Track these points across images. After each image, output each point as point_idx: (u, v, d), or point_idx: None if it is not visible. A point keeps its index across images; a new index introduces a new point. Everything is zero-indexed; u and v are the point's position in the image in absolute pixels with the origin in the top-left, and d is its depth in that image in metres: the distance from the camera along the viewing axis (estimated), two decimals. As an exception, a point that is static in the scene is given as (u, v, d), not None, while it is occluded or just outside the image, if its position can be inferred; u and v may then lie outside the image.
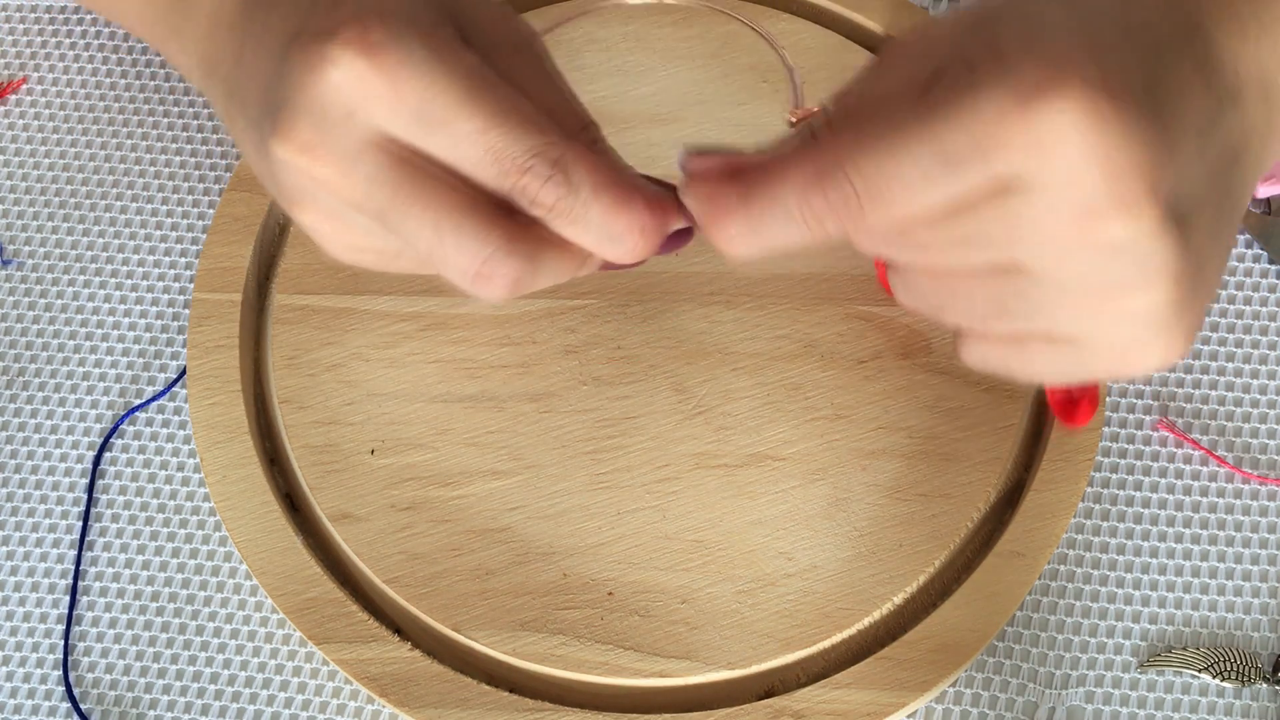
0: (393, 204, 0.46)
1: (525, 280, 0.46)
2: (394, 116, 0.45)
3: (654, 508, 0.58)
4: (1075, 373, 0.47)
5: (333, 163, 0.46)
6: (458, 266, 0.46)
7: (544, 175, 0.45)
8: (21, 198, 0.68)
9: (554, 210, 0.45)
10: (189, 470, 0.62)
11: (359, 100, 0.45)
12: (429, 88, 0.44)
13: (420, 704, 0.55)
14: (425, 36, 0.45)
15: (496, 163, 0.45)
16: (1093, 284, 0.43)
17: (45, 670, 0.58)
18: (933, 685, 0.55)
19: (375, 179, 0.46)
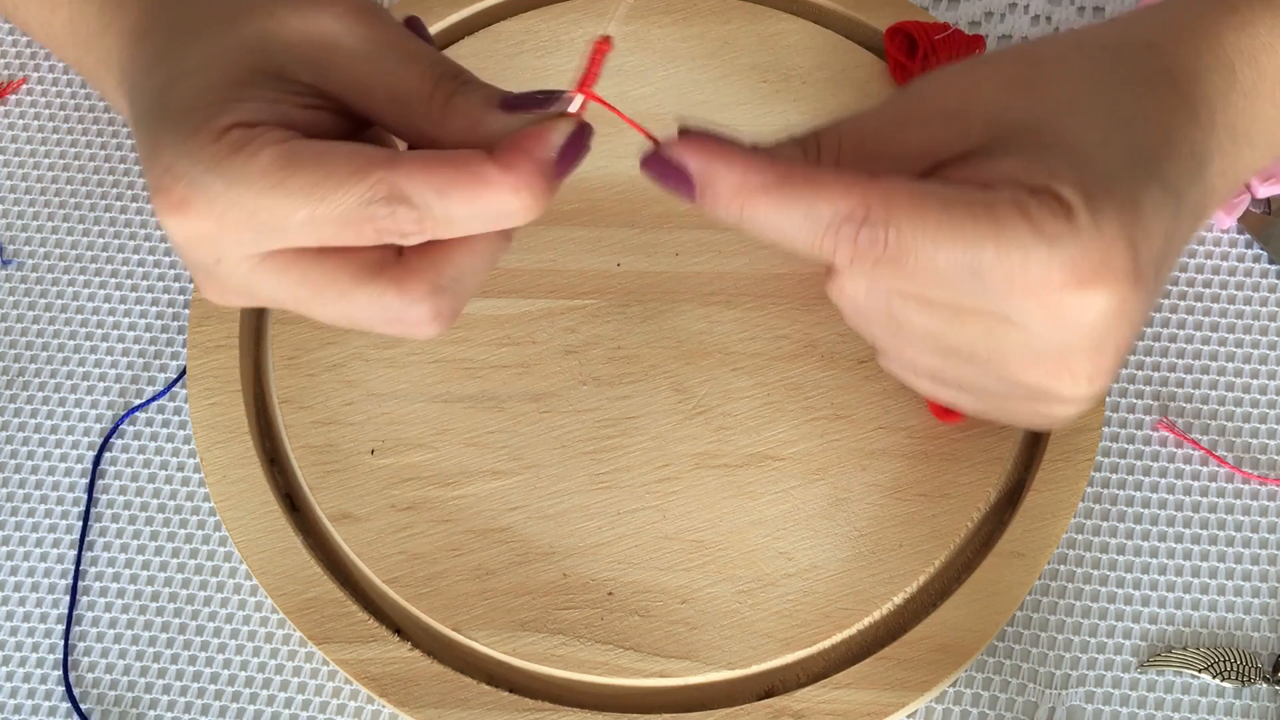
0: (299, 309, 0.47)
1: (445, 305, 0.46)
2: (241, 245, 0.46)
3: (654, 508, 0.58)
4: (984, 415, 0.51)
5: (240, 298, 0.48)
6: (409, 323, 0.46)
7: (386, 213, 0.44)
8: (21, 198, 0.68)
9: (423, 231, 0.45)
10: (189, 470, 0.62)
11: (210, 249, 0.46)
12: (244, 209, 0.45)
13: (420, 704, 0.55)
14: (214, 161, 0.45)
15: (344, 227, 0.45)
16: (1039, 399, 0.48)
17: (45, 670, 0.58)
18: (933, 685, 0.55)
19: (275, 296, 0.47)
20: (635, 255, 0.63)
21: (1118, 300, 0.43)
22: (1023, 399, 0.48)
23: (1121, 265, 0.43)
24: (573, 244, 0.63)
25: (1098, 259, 0.43)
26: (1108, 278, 0.43)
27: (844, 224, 0.43)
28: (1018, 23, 0.70)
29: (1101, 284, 0.43)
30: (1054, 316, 0.44)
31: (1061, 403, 0.48)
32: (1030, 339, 0.45)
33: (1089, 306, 0.43)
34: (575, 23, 0.68)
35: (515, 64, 0.67)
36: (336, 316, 0.47)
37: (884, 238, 0.43)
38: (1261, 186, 0.64)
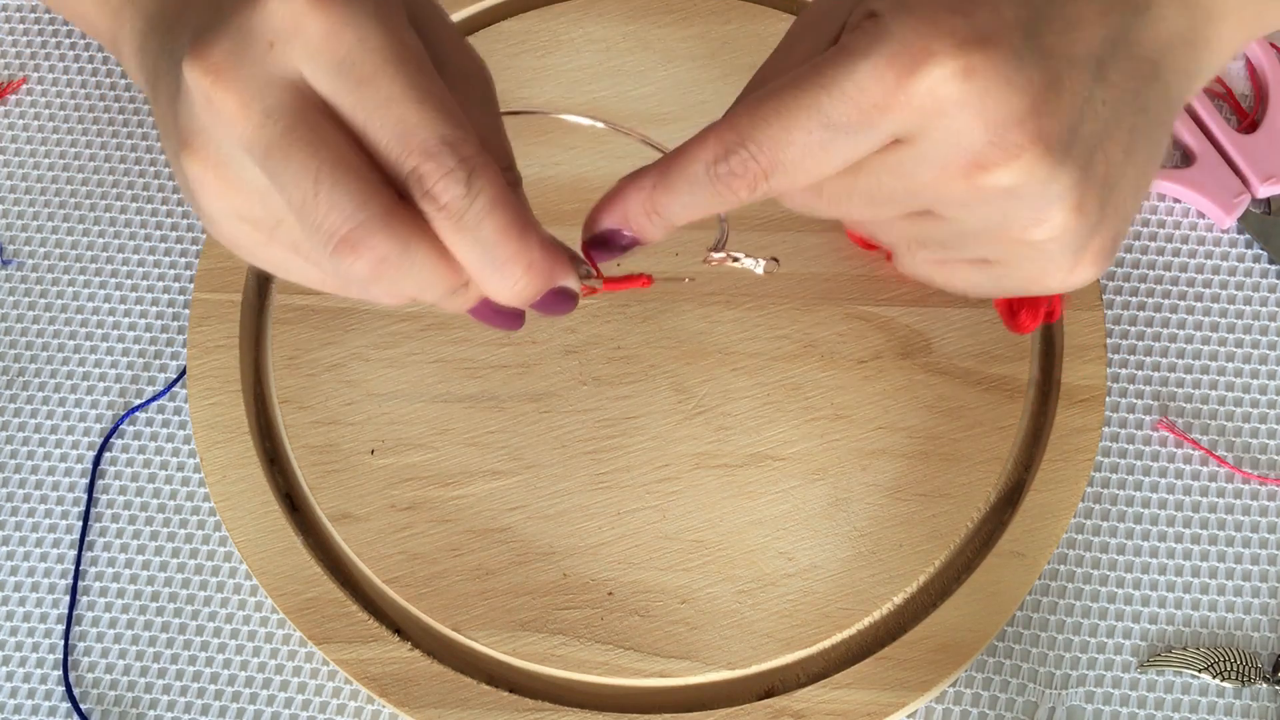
0: (280, 143, 0.43)
1: (390, 266, 0.43)
2: (316, 59, 0.43)
3: (654, 508, 0.58)
4: (998, 289, 0.50)
5: (236, 88, 0.44)
6: (326, 226, 0.43)
7: (447, 167, 0.43)
8: (21, 198, 0.68)
9: (446, 209, 0.43)
10: (189, 470, 0.62)
11: (287, 32, 0.43)
12: (362, 42, 0.43)
13: (420, 704, 0.55)
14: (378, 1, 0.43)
15: (404, 139, 0.43)
16: (995, 223, 0.46)
17: (45, 670, 0.58)
18: (933, 685, 0.55)
19: (272, 114, 0.43)
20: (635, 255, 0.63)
21: (957, 61, 0.42)
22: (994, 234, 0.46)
23: (950, 30, 0.42)
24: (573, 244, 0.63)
25: (918, 38, 0.42)
26: (935, 48, 0.42)
27: (717, 167, 0.45)
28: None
29: (929, 56, 0.42)
30: (917, 111, 0.43)
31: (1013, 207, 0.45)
32: (923, 146, 0.44)
33: (934, 82, 0.42)
34: (575, 23, 0.68)
35: (515, 64, 0.67)
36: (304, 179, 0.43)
37: (749, 156, 0.44)
38: (1262, 186, 0.64)
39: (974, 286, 0.50)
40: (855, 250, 0.63)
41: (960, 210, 0.46)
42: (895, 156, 0.45)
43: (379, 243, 0.43)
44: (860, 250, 0.63)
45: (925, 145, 0.44)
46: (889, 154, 0.45)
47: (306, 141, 0.43)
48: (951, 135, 0.43)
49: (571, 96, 0.66)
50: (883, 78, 0.42)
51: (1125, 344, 0.62)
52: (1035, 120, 0.43)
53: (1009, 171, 0.44)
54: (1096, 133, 0.45)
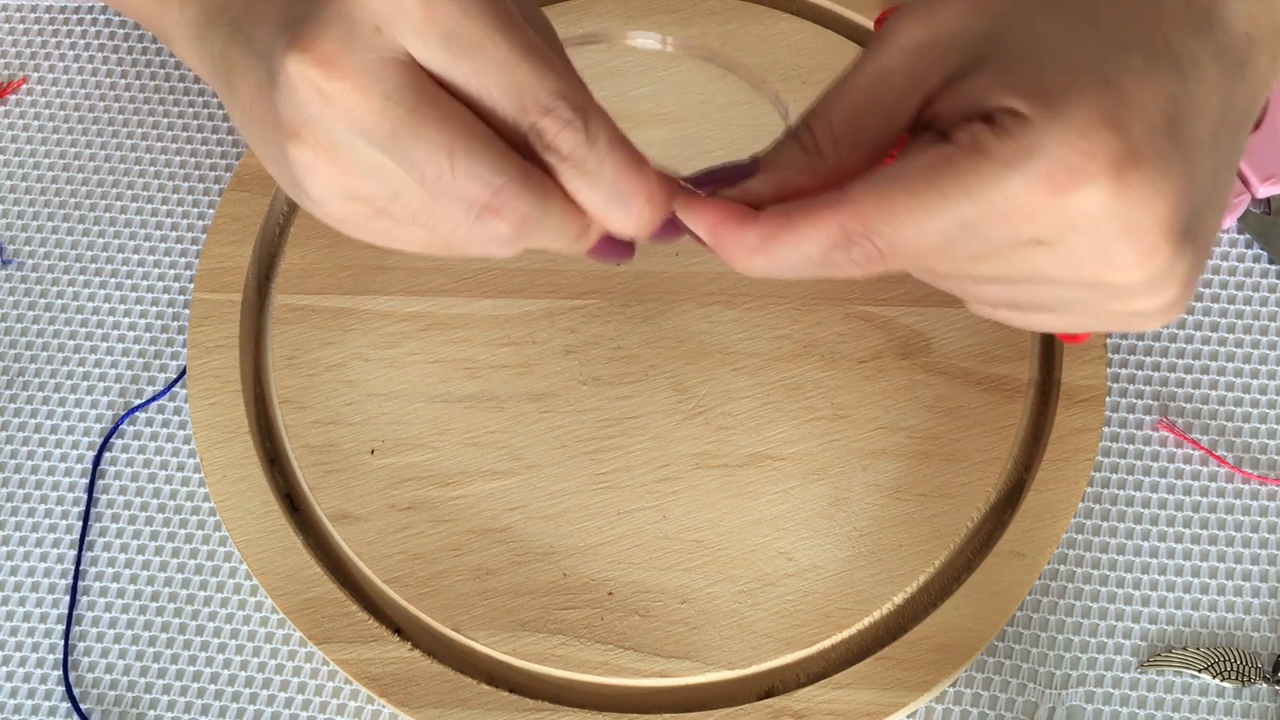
0: (408, 123, 0.44)
1: (531, 223, 0.45)
2: (424, 36, 0.44)
3: (654, 508, 0.58)
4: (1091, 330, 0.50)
5: (352, 76, 0.44)
6: (467, 194, 0.45)
7: (565, 119, 0.44)
8: (21, 198, 0.68)
9: (570, 158, 0.45)
10: (189, 470, 0.62)
11: (390, 13, 0.44)
12: (464, 12, 0.44)
13: (420, 704, 0.55)
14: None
15: (520, 98, 0.44)
16: (1114, 296, 0.46)
17: (45, 670, 0.58)
18: (933, 685, 0.55)
19: (393, 96, 0.44)
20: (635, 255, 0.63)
21: (1113, 183, 0.42)
22: (1097, 301, 0.47)
23: (1106, 148, 0.42)
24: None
25: (1073, 156, 0.42)
26: (1091, 169, 0.42)
27: (834, 253, 0.45)
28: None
29: (1086, 178, 0.42)
30: (1064, 225, 0.43)
31: (1132, 294, 0.46)
32: (1059, 251, 0.44)
33: (1087, 203, 0.42)
34: (575, 22, 0.68)
35: (515, 64, 0.67)
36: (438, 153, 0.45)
37: (872, 248, 0.44)
38: (1262, 186, 0.64)
39: (1056, 329, 0.50)
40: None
41: (1075, 290, 0.46)
42: (1027, 253, 0.44)
43: (521, 203, 0.45)
44: None
45: (1063, 250, 0.44)
46: (1021, 249, 0.44)
47: (434, 118, 0.44)
48: (1094, 243, 0.43)
49: (571, 96, 0.66)
50: (1033, 194, 0.42)
51: (1125, 344, 0.62)
52: (1174, 220, 0.43)
53: (1142, 269, 0.44)
54: (1205, 206, 0.45)
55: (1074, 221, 0.43)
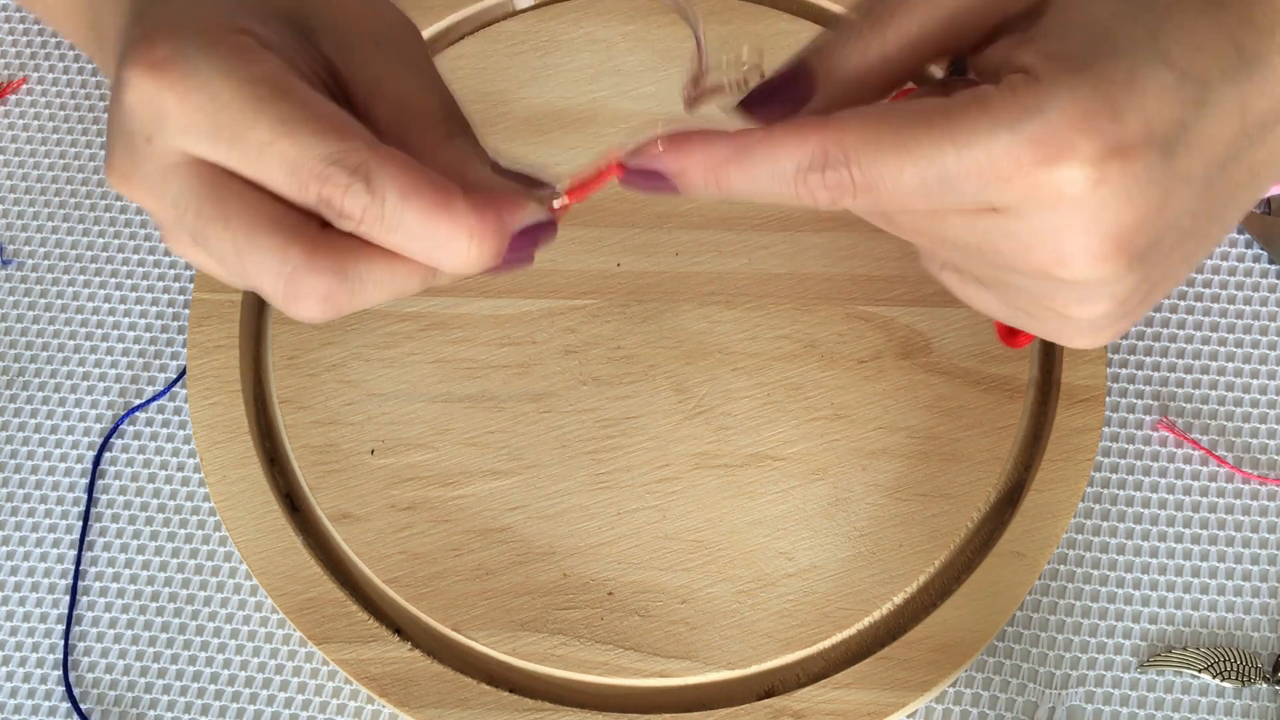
0: (197, 225, 0.44)
1: (341, 296, 0.44)
2: (187, 135, 0.44)
3: (654, 508, 0.58)
4: (1009, 321, 0.49)
5: (145, 188, 0.45)
6: (263, 287, 0.44)
7: (343, 184, 0.43)
8: (21, 198, 0.68)
9: (363, 221, 0.43)
10: (189, 470, 0.62)
11: (153, 122, 0.44)
12: (213, 100, 0.43)
13: (420, 704, 0.55)
14: (212, 46, 0.44)
15: (293, 174, 0.43)
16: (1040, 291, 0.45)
17: (45, 670, 0.58)
18: (933, 685, 0.55)
19: (179, 201, 0.44)
20: (635, 255, 0.63)
21: (1095, 171, 0.41)
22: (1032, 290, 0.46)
23: (1102, 135, 0.41)
24: (573, 244, 0.63)
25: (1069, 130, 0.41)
26: (1081, 149, 0.41)
27: (808, 173, 0.43)
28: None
29: (1072, 155, 0.41)
30: (1033, 196, 0.42)
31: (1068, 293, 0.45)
32: (1018, 224, 0.43)
33: (1064, 181, 0.42)
34: (575, 23, 0.68)
35: (515, 64, 0.67)
36: (228, 252, 0.44)
37: (847, 176, 0.43)
38: (1261, 186, 0.64)
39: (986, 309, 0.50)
40: (855, 250, 0.63)
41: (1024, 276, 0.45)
42: (983, 221, 0.44)
43: (316, 283, 0.43)
44: (864, 251, 0.62)
45: (1018, 225, 0.43)
46: (978, 215, 0.44)
47: (213, 217, 0.44)
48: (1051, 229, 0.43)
49: (571, 96, 0.66)
50: (1017, 157, 0.42)
51: (1125, 344, 0.62)
52: (1133, 234, 0.43)
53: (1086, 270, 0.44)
54: (1172, 244, 0.45)
55: (1043, 196, 0.42)
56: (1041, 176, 0.42)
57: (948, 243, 0.46)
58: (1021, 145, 0.42)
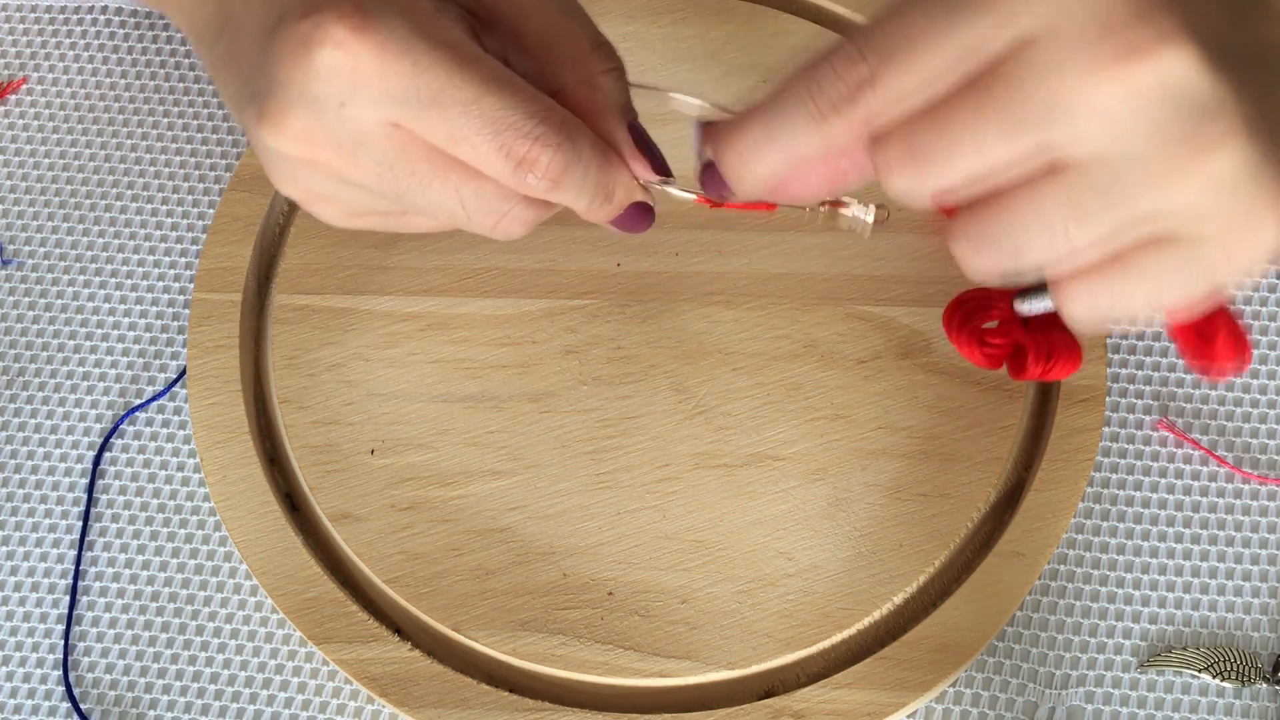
0: (409, 184, 0.46)
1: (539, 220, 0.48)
2: (385, 102, 0.44)
3: (654, 508, 0.58)
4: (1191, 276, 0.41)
5: (335, 150, 0.45)
6: (482, 226, 0.48)
7: (554, 141, 0.45)
8: (21, 198, 0.68)
9: (564, 175, 0.46)
10: (189, 470, 0.62)
11: (350, 87, 0.44)
12: (415, 65, 0.43)
13: (420, 704, 0.55)
14: (405, 9, 0.44)
15: (499, 131, 0.44)
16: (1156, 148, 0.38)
17: (45, 670, 0.58)
18: (933, 685, 0.55)
19: (385, 162, 0.45)
20: (635, 255, 0.63)
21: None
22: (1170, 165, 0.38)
23: None
24: (573, 244, 0.63)
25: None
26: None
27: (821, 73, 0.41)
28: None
29: None
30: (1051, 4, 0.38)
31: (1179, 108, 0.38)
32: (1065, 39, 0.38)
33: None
34: (575, 23, 0.68)
35: (515, 64, 0.67)
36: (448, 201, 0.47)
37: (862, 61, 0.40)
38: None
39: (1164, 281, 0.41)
40: (855, 250, 0.63)
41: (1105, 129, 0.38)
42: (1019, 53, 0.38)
43: (530, 214, 0.48)
44: (864, 251, 0.62)
45: (1053, 30, 0.38)
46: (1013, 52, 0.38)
47: (433, 175, 0.46)
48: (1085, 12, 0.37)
49: (571, 96, 0.66)
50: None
51: (1125, 344, 0.62)
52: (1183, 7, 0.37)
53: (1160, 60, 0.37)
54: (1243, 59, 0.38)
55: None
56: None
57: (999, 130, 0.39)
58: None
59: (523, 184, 0.46)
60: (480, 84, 0.44)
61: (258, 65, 0.45)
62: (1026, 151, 0.39)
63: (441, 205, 0.46)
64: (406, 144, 0.45)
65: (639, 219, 0.49)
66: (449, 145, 0.45)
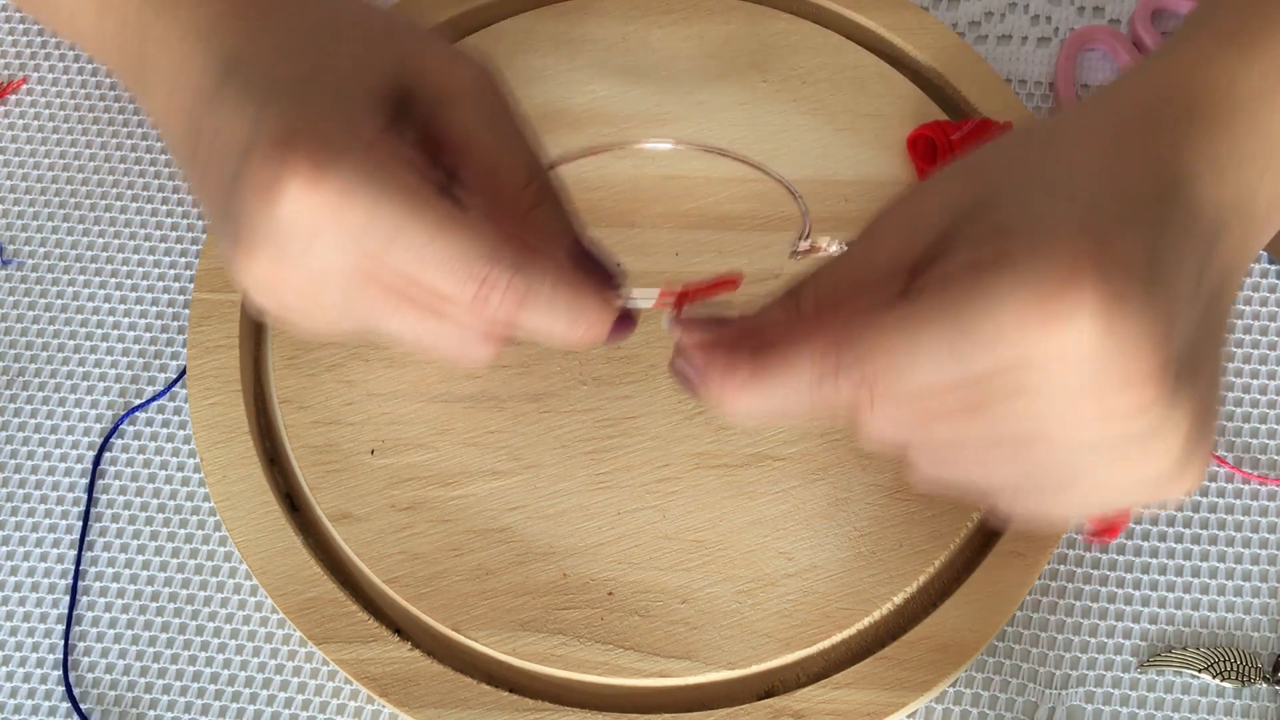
0: (373, 316, 0.48)
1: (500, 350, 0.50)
2: (344, 244, 0.46)
3: (654, 508, 0.58)
4: (1105, 511, 0.49)
5: (301, 284, 0.47)
6: (446, 355, 0.49)
7: (505, 278, 0.46)
8: (21, 198, 0.68)
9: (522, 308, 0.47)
10: (189, 470, 0.62)
11: (310, 234, 0.46)
12: (370, 214, 0.45)
13: (420, 704, 0.55)
14: (360, 158, 0.46)
15: (452, 271, 0.46)
16: (1111, 451, 0.44)
17: (45, 670, 0.58)
18: (933, 685, 0.55)
19: (349, 297, 0.48)
20: (635, 255, 0.63)
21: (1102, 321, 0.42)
22: (1097, 465, 0.45)
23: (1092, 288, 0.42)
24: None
25: (1061, 290, 0.42)
26: (1080, 305, 0.42)
27: (823, 383, 0.45)
28: (1017, 22, 0.70)
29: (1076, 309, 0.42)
30: (1053, 358, 0.43)
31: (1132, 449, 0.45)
32: (1049, 394, 0.43)
33: (1075, 337, 0.42)
34: (575, 23, 0.68)
35: (515, 64, 0.67)
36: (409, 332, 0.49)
37: (862, 379, 0.44)
38: (1261, 186, 0.64)
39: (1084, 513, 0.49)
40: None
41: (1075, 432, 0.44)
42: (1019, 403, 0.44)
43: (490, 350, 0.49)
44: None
45: (1053, 392, 0.43)
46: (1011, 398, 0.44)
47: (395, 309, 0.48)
48: (1079, 368, 0.43)
49: (571, 96, 0.66)
50: (1022, 325, 0.42)
51: (1125, 344, 0.62)
52: (1158, 355, 0.43)
53: (1133, 403, 0.43)
54: (1194, 353, 0.45)
55: (1063, 355, 0.42)
56: (1053, 338, 0.42)
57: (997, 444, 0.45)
58: (1021, 316, 0.42)
59: (485, 311, 0.47)
60: (433, 225, 0.46)
61: (230, 193, 0.47)
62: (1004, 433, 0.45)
63: (406, 335, 0.48)
64: (368, 281, 0.47)
65: (620, 330, 0.50)
66: (407, 285, 0.47)
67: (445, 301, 0.47)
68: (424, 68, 0.49)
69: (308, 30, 0.49)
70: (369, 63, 0.48)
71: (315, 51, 0.48)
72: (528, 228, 0.49)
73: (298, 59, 0.48)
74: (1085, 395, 0.43)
